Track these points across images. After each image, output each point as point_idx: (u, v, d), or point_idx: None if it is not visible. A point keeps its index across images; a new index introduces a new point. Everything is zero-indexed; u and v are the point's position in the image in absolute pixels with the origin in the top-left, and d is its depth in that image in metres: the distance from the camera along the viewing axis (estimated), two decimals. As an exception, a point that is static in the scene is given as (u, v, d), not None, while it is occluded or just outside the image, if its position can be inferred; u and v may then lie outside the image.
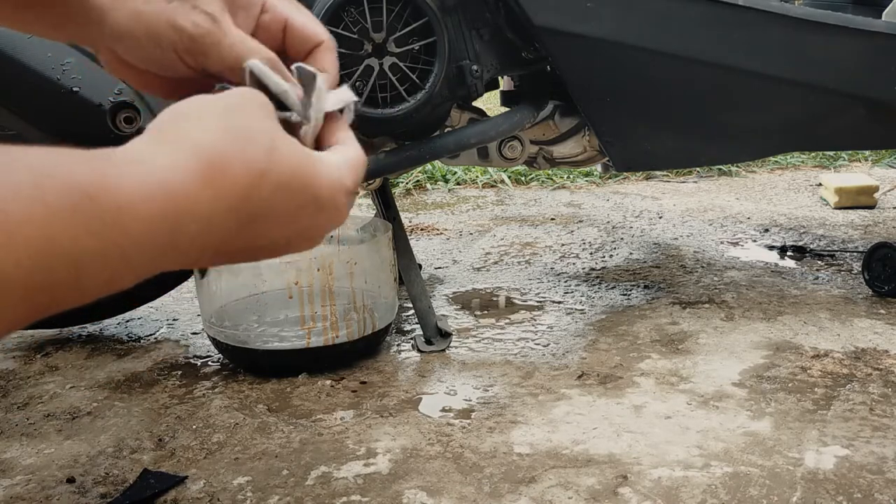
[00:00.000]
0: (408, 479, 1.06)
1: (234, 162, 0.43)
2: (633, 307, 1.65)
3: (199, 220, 0.42)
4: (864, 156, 3.03)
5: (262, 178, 0.44)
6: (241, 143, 0.44)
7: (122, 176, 0.39)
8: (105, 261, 0.38)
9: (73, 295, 0.38)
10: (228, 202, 0.43)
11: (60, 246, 0.36)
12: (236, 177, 0.43)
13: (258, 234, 0.46)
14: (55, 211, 0.36)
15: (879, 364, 1.36)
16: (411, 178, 2.77)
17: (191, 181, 0.41)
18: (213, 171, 0.42)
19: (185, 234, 0.41)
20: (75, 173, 0.37)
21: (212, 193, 0.42)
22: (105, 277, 0.39)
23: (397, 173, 1.67)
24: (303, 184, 0.46)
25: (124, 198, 0.39)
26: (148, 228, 0.40)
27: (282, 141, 0.46)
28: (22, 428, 1.24)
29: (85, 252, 0.37)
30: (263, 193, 0.44)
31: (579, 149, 1.62)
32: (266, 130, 0.45)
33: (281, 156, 0.45)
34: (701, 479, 1.04)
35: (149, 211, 0.40)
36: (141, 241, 0.39)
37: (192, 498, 1.04)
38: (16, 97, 1.28)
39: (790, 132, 1.53)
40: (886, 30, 1.44)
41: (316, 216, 0.48)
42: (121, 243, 0.39)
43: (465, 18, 1.36)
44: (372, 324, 1.41)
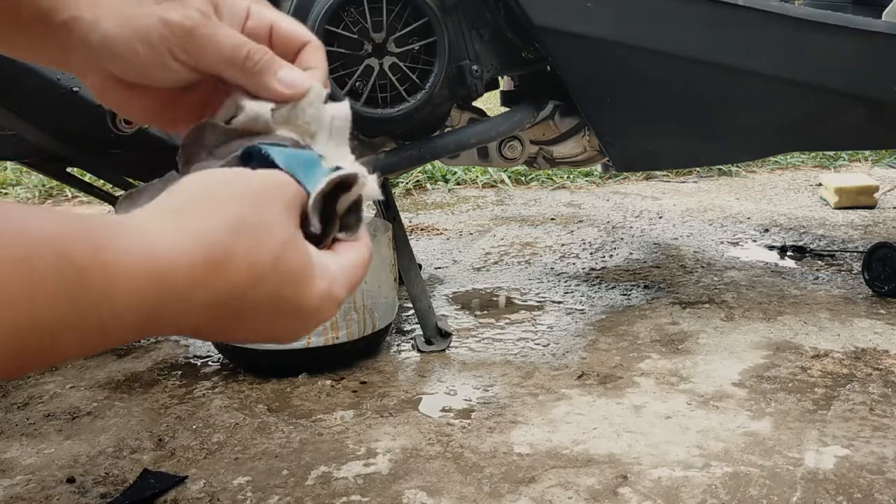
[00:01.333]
0: (408, 479, 1.06)
1: (238, 263, 0.43)
2: (633, 307, 1.65)
3: (183, 305, 0.42)
4: (864, 156, 3.03)
5: (259, 285, 0.44)
6: (250, 244, 0.44)
7: (119, 251, 0.39)
8: (81, 331, 0.38)
9: (42, 362, 0.38)
10: (217, 298, 0.43)
11: (39, 314, 0.36)
12: (235, 277, 0.43)
13: (232, 329, 0.47)
14: (41, 278, 0.36)
15: (879, 364, 1.36)
16: (411, 178, 2.77)
17: (187, 271, 0.41)
18: (213, 267, 0.42)
19: (167, 316, 0.42)
20: (73, 244, 0.37)
21: (204, 287, 0.42)
22: (77, 347, 0.39)
23: (397, 173, 1.67)
24: (294, 297, 0.47)
25: (117, 274, 0.39)
26: (132, 307, 0.40)
27: (291, 250, 0.46)
28: (22, 428, 1.24)
29: (63, 323, 0.37)
30: (255, 299, 0.45)
31: (579, 149, 1.62)
32: (279, 232, 0.45)
33: (284, 266, 0.45)
34: (701, 479, 1.04)
35: (139, 290, 0.40)
36: (123, 317, 0.40)
37: (192, 498, 1.04)
38: (16, 97, 1.28)
39: (790, 132, 1.53)
40: (886, 30, 1.44)
41: (294, 325, 0.49)
42: (102, 316, 0.39)
43: (465, 18, 1.36)
44: (372, 324, 1.41)
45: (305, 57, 0.56)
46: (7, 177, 2.92)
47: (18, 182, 2.88)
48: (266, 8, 0.55)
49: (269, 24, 0.55)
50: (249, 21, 0.55)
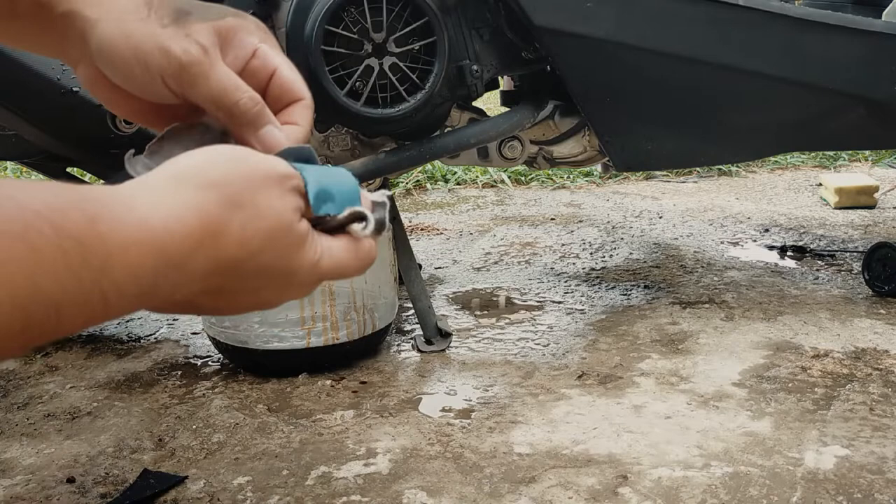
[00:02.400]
0: (408, 479, 1.06)
1: (231, 236, 0.44)
2: (633, 307, 1.65)
3: (180, 275, 0.43)
4: (864, 156, 3.03)
5: (251, 259, 0.45)
6: (245, 219, 0.44)
7: (116, 220, 0.40)
8: (85, 304, 0.39)
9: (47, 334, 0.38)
10: (210, 269, 0.44)
11: (43, 288, 0.36)
12: (227, 249, 0.44)
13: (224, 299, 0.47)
14: (42, 253, 0.36)
15: (879, 364, 1.36)
16: (411, 178, 2.77)
17: (182, 239, 0.42)
18: (207, 237, 0.43)
19: (164, 284, 0.42)
20: (68, 217, 0.38)
21: (199, 256, 0.43)
22: (82, 319, 0.39)
23: (397, 173, 1.67)
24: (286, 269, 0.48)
25: (114, 243, 0.39)
26: (133, 275, 0.40)
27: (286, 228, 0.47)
28: (22, 428, 1.24)
29: (66, 294, 0.37)
30: (246, 271, 0.46)
31: (579, 149, 1.62)
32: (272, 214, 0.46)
33: (276, 243, 0.46)
34: (701, 479, 1.04)
35: (137, 259, 0.40)
36: (123, 287, 0.40)
37: (192, 498, 1.04)
38: (16, 97, 1.28)
39: (790, 132, 1.53)
40: (886, 30, 1.44)
41: (282, 293, 0.50)
42: (104, 288, 0.39)
43: (465, 18, 1.36)
44: (372, 324, 1.41)
45: (294, 112, 0.57)
46: (7, 177, 2.92)
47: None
48: (274, 51, 0.56)
49: (273, 69, 0.56)
50: (254, 59, 0.55)
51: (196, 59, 0.52)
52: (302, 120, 0.56)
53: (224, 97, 0.52)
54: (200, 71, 0.52)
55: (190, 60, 0.51)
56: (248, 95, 0.53)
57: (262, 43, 0.55)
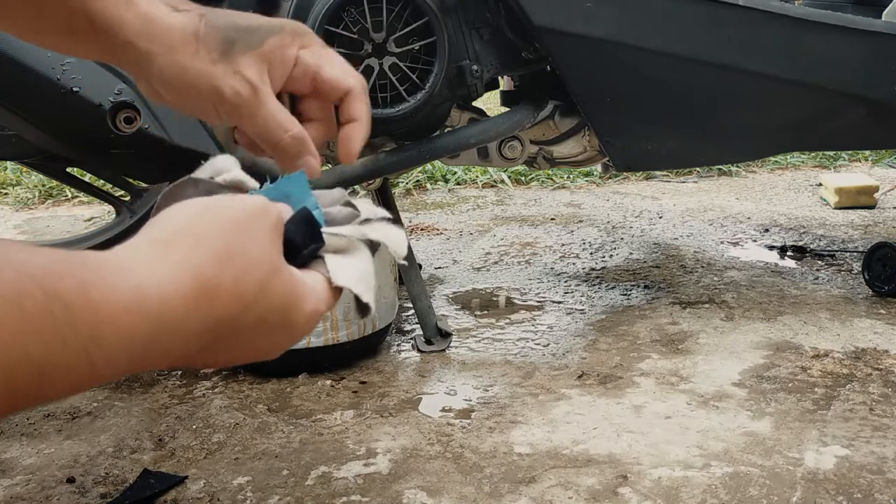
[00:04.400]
0: (408, 479, 1.06)
1: (226, 293, 0.44)
2: (633, 307, 1.65)
3: (173, 338, 0.43)
4: (864, 156, 3.03)
5: (246, 312, 0.45)
6: (237, 272, 0.44)
7: (108, 287, 0.39)
8: (71, 370, 0.38)
9: (31, 399, 0.38)
10: (207, 327, 0.44)
11: (29, 353, 0.36)
12: (223, 307, 0.44)
13: (222, 353, 0.48)
14: (31, 318, 0.36)
15: (879, 364, 1.36)
16: (411, 178, 2.77)
17: (179, 303, 0.42)
18: (203, 298, 0.43)
19: (156, 348, 0.42)
20: (61, 282, 0.37)
21: (194, 318, 0.43)
22: (67, 384, 0.39)
23: (397, 173, 1.67)
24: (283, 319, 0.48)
25: (105, 311, 0.39)
26: (124, 341, 0.40)
27: (277, 275, 0.47)
28: (22, 428, 1.24)
29: (51, 359, 0.37)
30: (242, 324, 0.46)
31: (579, 149, 1.62)
32: (265, 261, 0.46)
33: (271, 291, 0.46)
34: (701, 479, 1.04)
35: (129, 326, 0.40)
36: (112, 353, 0.40)
37: (192, 498, 1.04)
38: (16, 97, 1.28)
39: (790, 132, 1.53)
40: (886, 30, 1.44)
41: (281, 342, 0.51)
42: (91, 354, 0.39)
43: (465, 18, 1.36)
44: (372, 324, 1.41)
45: (349, 108, 0.60)
46: (7, 177, 2.92)
47: (18, 182, 2.88)
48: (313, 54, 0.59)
49: (314, 72, 0.59)
50: (296, 69, 0.58)
51: (245, 100, 0.56)
52: (358, 112, 0.60)
53: (269, 135, 0.57)
54: (248, 111, 0.56)
55: (239, 102, 0.55)
56: (291, 134, 0.57)
57: (302, 49, 0.58)
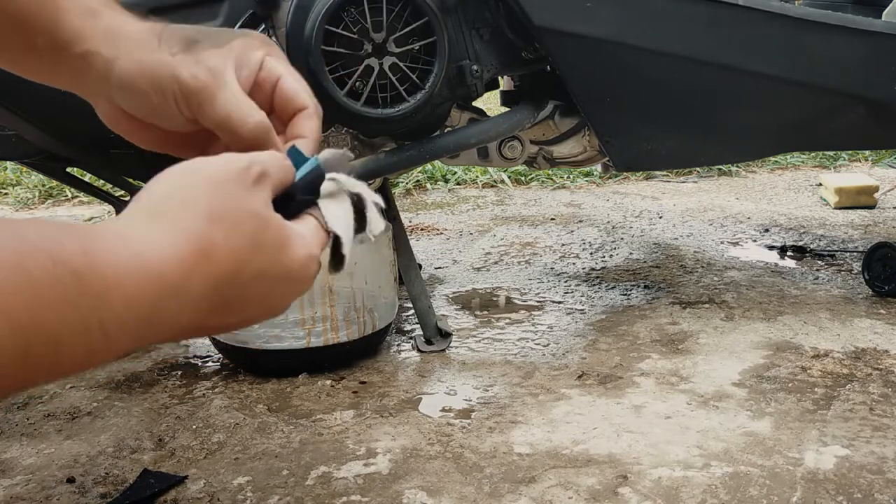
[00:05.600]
0: (408, 479, 1.06)
1: (220, 250, 0.44)
2: (633, 307, 1.65)
3: (180, 301, 0.43)
4: (864, 156, 3.03)
5: (244, 267, 0.46)
6: (227, 230, 0.45)
7: (110, 253, 0.40)
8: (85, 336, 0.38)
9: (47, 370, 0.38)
10: (210, 286, 0.44)
11: (42, 319, 0.36)
12: (220, 264, 0.44)
13: (232, 313, 0.48)
14: (39, 284, 0.36)
15: (879, 364, 1.36)
16: (411, 178, 2.77)
17: (178, 265, 0.42)
18: (199, 257, 0.43)
19: (165, 313, 0.42)
20: (64, 248, 0.38)
21: (196, 278, 0.43)
22: (82, 353, 0.39)
23: (397, 173, 1.67)
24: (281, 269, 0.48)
25: (111, 275, 0.39)
26: (131, 305, 0.40)
27: (265, 226, 0.47)
28: (22, 428, 1.24)
29: (66, 326, 0.37)
30: (243, 279, 0.46)
31: (579, 149, 1.62)
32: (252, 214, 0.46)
33: (264, 243, 0.47)
34: (701, 479, 1.04)
35: (134, 289, 0.40)
36: (122, 317, 0.40)
37: (192, 498, 1.04)
38: (16, 97, 1.28)
39: (790, 132, 1.53)
40: (886, 30, 1.44)
41: (287, 292, 0.50)
42: (103, 318, 0.39)
43: (465, 18, 1.36)
44: (372, 324, 1.41)
45: (298, 123, 0.58)
46: (7, 177, 2.92)
47: (18, 182, 2.88)
48: (279, 62, 0.57)
49: (276, 79, 0.57)
50: (261, 72, 0.57)
51: (203, 83, 0.53)
52: (308, 131, 0.57)
53: (229, 121, 0.54)
54: (207, 95, 0.53)
55: (196, 85, 0.53)
56: (255, 120, 0.54)
57: (268, 56, 0.57)
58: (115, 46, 0.54)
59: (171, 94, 0.53)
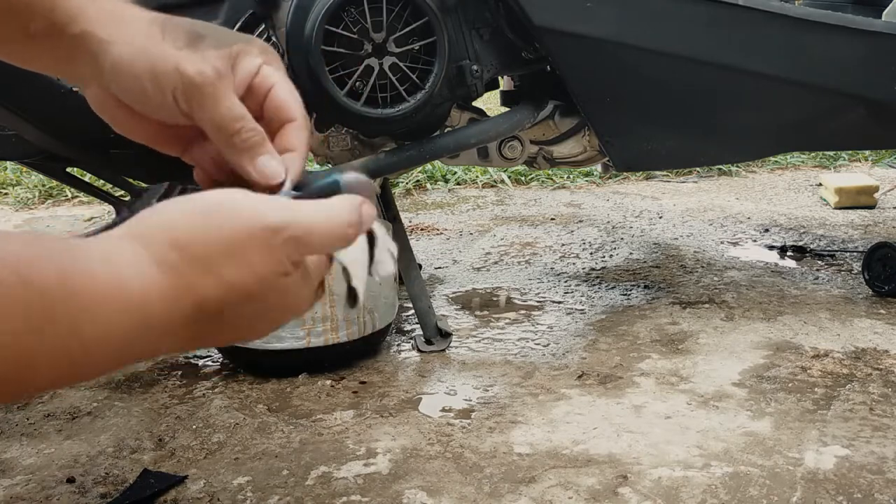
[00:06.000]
0: (408, 479, 1.06)
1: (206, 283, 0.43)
2: (633, 307, 1.65)
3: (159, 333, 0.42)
4: (864, 156, 3.03)
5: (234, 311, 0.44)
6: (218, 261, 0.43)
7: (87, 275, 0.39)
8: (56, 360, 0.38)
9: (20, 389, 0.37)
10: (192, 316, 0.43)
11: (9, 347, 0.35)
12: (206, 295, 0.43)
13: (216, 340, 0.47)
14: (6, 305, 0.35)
15: (879, 364, 1.36)
16: (411, 178, 2.77)
17: (158, 295, 0.41)
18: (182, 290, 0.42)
19: (144, 342, 0.41)
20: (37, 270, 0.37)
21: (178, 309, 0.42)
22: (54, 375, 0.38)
23: (397, 173, 1.67)
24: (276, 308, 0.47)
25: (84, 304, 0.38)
26: (104, 334, 0.39)
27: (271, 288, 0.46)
28: (22, 428, 1.24)
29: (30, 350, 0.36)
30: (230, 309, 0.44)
31: (579, 149, 1.62)
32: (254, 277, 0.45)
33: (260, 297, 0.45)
34: (701, 479, 1.04)
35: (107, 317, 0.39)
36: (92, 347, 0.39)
37: (192, 498, 1.04)
38: (16, 97, 1.28)
39: (790, 132, 1.53)
40: (886, 30, 1.44)
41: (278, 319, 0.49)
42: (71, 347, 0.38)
43: (465, 18, 1.36)
44: (372, 324, 1.41)
45: (287, 135, 0.56)
46: (7, 177, 2.92)
47: (18, 182, 2.88)
48: (275, 71, 0.57)
49: (269, 87, 0.56)
50: (256, 78, 0.56)
51: (209, 80, 0.53)
52: (297, 143, 0.56)
53: (228, 123, 0.53)
54: (212, 93, 0.53)
55: (203, 81, 0.52)
56: (251, 126, 0.54)
57: (266, 64, 0.56)
58: (114, 30, 0.53)
59: (169, 86, 0.52)
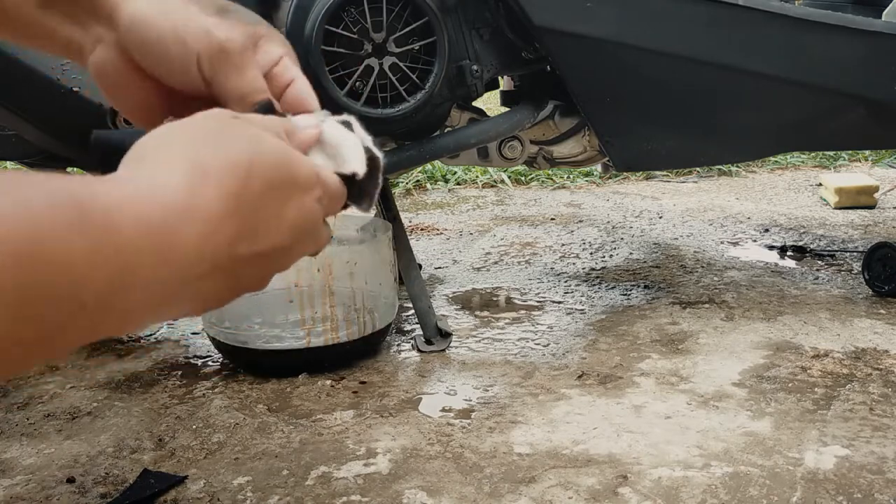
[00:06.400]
0: (408, 479, 1.06)
1: (218, 163, 0.44)
2: (633, 307, 1.65)
3: (195, 224, 0.41)
4: (864, 156, 3.03)
5: (249, 177, 0.44)
6: (221, 145, 0.44)
7: (109, 186, 0.39)
8: (101, 264, 0.36)
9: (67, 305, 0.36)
10: (221, 202, 0.43)
11: (47, 248, 0.34)
12: (223, 178, 0.43)
13: (259, 236, 0.46)
14: (39, 212, 0.35)
15: (879, 364, 1.36)
16: (411, 178, 2.77)
17: (176, 187, 0.41)
18: (197, 176, 0.42)
19: (185, 239, 0.41)
20: (59, 183, 0.37)
21: (202, 197, 0.42)
22: (103, 286, 0.37)
23: (397, 173, 1.67)
24: (287, 175, 0.47)
25: (113, 203, 0.38)
26: (143, 231, 0.39)
27: (259, 138, 0.47)
28: (22, 428, 1.24)
29: (75, 254, 0.35)
30: (254, 191, 0.45)
31: (579, 149, 1.62)
32: (245, 129, 0.46)
33: (262, 152, 0.46)
34: (701, 479, 1.04)
35: (140, 214, 0.39)
36: (137, 244, 0.38)
37: (192, 498, 1.04)
38: (16, 97, 1.28)
39: (790, 132, 1.53)
40: (886, 30, 1.44)
41: (302, 205, 0.48)
42: (115, 242, 0.37)
43: (465, 18, 1.36)
44: (372, 324, 1.41)
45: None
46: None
47: (18, 182, 2.88)
48: (295, 65, 0.58)
49: (290, 79, 0.57)
50: (276, 67, 0.56)
51: (239, 46, 0.53)
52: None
53: (252, 94, 0.53)
54: (240, 61, 0.53)
55: (232, 47, 0.53)
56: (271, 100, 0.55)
57: (287, 55, 0.57)
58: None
59: (196, 47, 0.52)
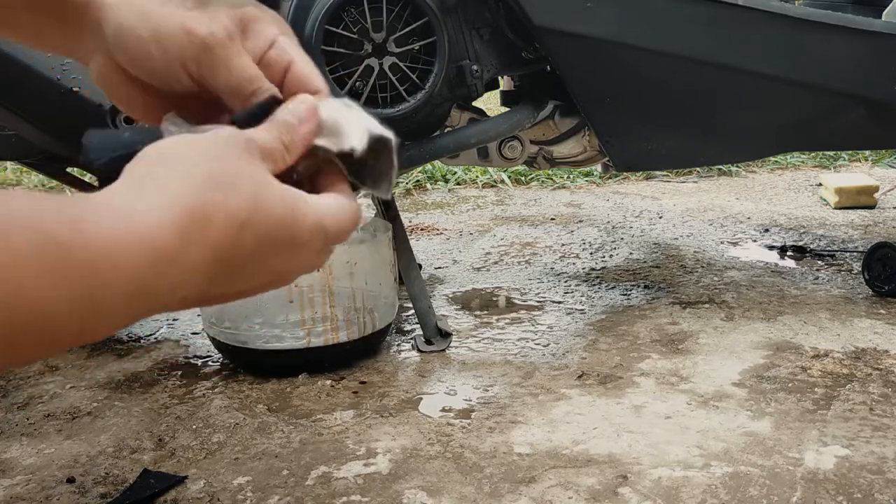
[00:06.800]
0: (408, 479, 1.06)
1: (217, 213, 0.42)
2: (633, 307, 1.65)
3: (178, 270, 0.41)
4: (864, 156, 3.03)
5: (244, 230, 0.43)
6: (223, 192, 0.42)
7: (96, 222, 0.38)
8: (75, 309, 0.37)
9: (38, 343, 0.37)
10: (209, 252, 0.42)
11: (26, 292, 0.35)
12: (219, 229, 0.42)
13: (235, 282, 0.46)
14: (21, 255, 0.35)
15: (879, 364, 1.36)
16: (411, 178, 2.77)
17: (170, 232, 0.40)
18: (194, 223, 0.41)
19: (161, 283, 0.41)
20: (45, 219, 0.36)
21: (193, 244, 0.41)
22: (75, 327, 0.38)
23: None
24: (286, 232, 0.46)
25: (97, 244, 0.38)
26: (122, 275, 0.38)
27: (266, 187, 0.45)
28: (22, 428, 1.24)
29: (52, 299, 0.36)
30: (246, 244, 0.44)
31: (579, 149, 1.62)
32: (250, 176, 0.44)
33: (265, 204, 0.44)
34: (701, 479, 1.04)
35: (124, 258, 0.38)
36: (114, 289, 0.38)
37: (192, 498, 1.04)
38: (16, 97, 1.28)
39: (790, 132, 1.53)
40: (886, 30, 1.44)
41: (294, 259, 0.47)
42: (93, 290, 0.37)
43: (465, 18, 1.36)
44: (372, 324, 1.41)
45: None
46: (7, 177, 2.92)
47: (18, 182, 2.88)
48: (292, 44, 0.54)
49: (289, 61, 0.54)
50: (272, 50, 0.53)
51: (221, 40, 0.50)
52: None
53: (245, 85, 0.51)
54: (224, 55, 0.50)
55: (214, 42, 0.50)
56: (267, 86, 0.51)
57: (281, 34, 0.54)
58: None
59: (177, 49, 0.50)
